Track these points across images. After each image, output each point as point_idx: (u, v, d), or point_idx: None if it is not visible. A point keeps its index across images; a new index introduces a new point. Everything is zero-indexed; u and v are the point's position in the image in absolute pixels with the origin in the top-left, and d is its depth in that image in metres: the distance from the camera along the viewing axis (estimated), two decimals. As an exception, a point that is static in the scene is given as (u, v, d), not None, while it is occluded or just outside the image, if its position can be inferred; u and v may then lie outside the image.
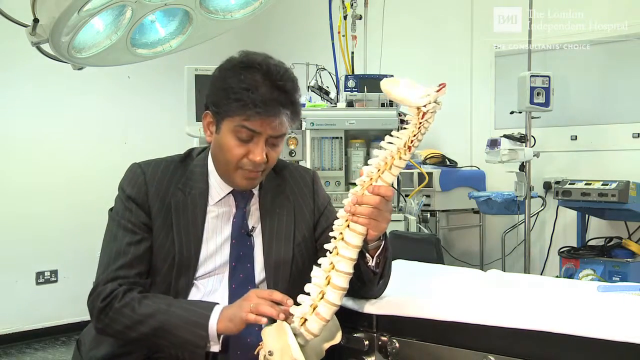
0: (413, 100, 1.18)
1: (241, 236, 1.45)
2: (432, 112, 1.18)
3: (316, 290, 1.27)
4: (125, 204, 1.41)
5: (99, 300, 1.34)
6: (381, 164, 1.26)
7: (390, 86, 1.22)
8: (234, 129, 1.36)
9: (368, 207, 1.26)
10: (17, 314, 4.24)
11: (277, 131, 1.37)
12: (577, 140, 3.95)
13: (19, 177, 4.24)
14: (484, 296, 1.49)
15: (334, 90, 3.51)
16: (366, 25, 3.63)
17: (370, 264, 1.38)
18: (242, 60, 1.39)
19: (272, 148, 1.40)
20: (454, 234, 4.55)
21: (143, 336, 1.32)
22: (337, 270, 1.26)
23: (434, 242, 2.52)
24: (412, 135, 1.21)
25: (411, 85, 1.21)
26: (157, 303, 1.33)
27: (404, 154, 1.23)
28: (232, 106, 1.34)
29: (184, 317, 1.30)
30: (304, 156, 3.11)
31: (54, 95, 4.37)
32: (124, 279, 1.36)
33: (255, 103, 1.32)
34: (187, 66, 2.96)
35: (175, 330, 1.30)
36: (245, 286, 1.42)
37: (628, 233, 3.69)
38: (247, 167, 1.39)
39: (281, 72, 1.37)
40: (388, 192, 1.26)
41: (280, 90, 1.35)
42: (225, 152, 1.39)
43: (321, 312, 1.26)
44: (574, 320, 1.21)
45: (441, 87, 1.17)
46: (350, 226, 1.28)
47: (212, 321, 1.29)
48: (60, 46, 1.61)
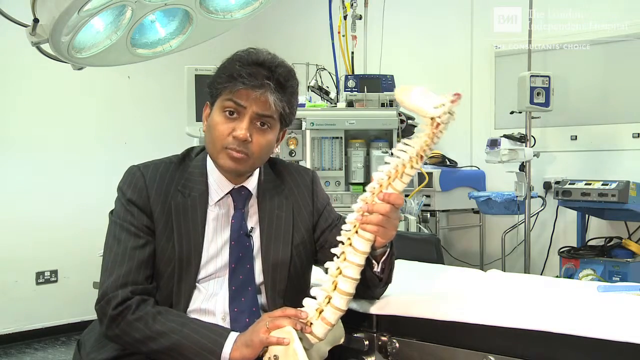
0: (428, 111, 1.17)
1: (240, 237, 1.44)
2: (445, 123, 1.18)
3: (323, 294, 1.28)
4: (127, 207, 1.41)
5: (110, 307, 1.32)
6: (392, 171, 1.25)
7: (404, 95, 1.21)
8: (221, 104, 1.39)
9: (378, 215, 1.26)
10: (17, 314, 4.23)
11: (262, 109, 1.37)
12: (577, 140, 3.95)
13: (19, 177, 4.24)
14: (484, 296, 1.49)
15: (334, 90, 3.51)
16: (366, 25, 3.63)
17: (375, 269, 1.38)
18: (243, 51, 1.42)
19: (258, 132, 1.39)
20: (454, 234, 4.55)
21: (153, 352, 1.32)
22: (344, 275, 1.27)
23: (434, 242, 2.52)
24: (424, 145, 1.21)
25: (425, 93, 1.20)
26: (170, 321, 1.32)
27: (416, 162, 1.23)
28: (222, 79, 1.38)
29: (197, 341, 1.29)
30: (304, 156, 3.11)
31: (54, 95, 4.36)
32: (134, 285, 1.34)
33: (240, 74, 1.35)
34: (187, 66, 2.96)
35: (187, 353, 1.29)
36: (245, 288, 1.42)
37: (628, 233, 3.69)
38: (231, 145, 1.38)
39: (277, 61, 1.40)
40: (398, 200, 1.27)
41: (269, 70, 1.37)
42: (213, 129, 1.40)
43: (327, 316, 1.26)
44: (574, 320, 1.21)
45: (456, 97, 1.16)
46: (359, 232, 1.28)
47: (225, 349, 1.28)
48: (60, 46, 1.61)
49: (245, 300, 1.42)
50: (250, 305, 1.42)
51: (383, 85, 3.33)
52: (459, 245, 4.52)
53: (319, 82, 3.48)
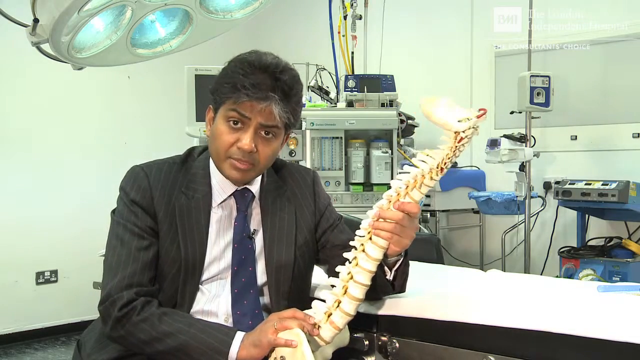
0: (453, 125, 1.17)
1: (243, 240, 1.44)
2: (469, 137, 1.18)
3: (332, 298, 1.28)
4: (130, 207, 1.39)
5: (115, 308, 1.31)
6: (410, 181, 1.25)
7: (429, 107, 1.20)
8: (225, 114, 1.37)
9: (391, 223, 1.26)
10: (17, 314, 4.23)
11: (266, 119, 1.36)
12: (577, 140, 3.95)
13: (19, 177, 4.24)
14: (484, 296, 1.49)
15: (334, 90, 3.52)
16: (366, 25, 3.64)
17: (388, 277, 1.38)
18: (247, 54, 1.40)
19: (263, 142, 1.38)
20: (454, 234, 4.55)
21: (158, 353, 1.31)
22: (355, 281, 1.27)
23: (434, 242, 2.51)
24: (446, 158, 1.20)
25: (450, 106, 1.19)
26: (177, 322, 1.31)
27: (435, 174, 1.22)
28: (225, 89, 1.36)
29: (204, 341, 1.28)
30: (304, 156, 3.12)
31: (54, 96, 4.36)
32: (139, 287, 1.34)
33: (244, 85, 1.33)
34: (187, 66, 2.96)
35: (194, 353, 1.28)
36: (247, 290, 1.42)
37: (628, 233, 3.69)
38: (235, 156, 1.37)
39: (281, 66, 1.37)
40: (414, 209, 1.27)
41: (273, 79, 1.35)
42: (217, 138, 1.39)
43: (335, 320, 1.26)
44: (574, 320, 1.21)
45: (482, 112, 1.17)
46: (372, 239, 1.28)
47: (233, 349, 1.27)
48: (60, 46, 1.61)
49: (248, 302, 1.42)
50: (252, 308, 1.42)
51: (383, 85, 3.34)
52: (459, 245, 4.52)
53: (319, 82, 3.48)
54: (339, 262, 1.32)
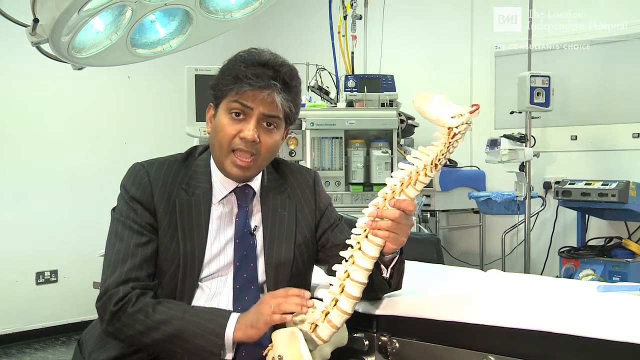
0: (446, 121, 1.17)
1: (244, 236, 1.45)
2: (462, 133, 1.18)
3: (329, 297, 1.28)
4: (130, 204, 1.40)
5: (111, 303, 1.32)
6: (405, 178, 1.25)
7: (424, 104, 1.21)
8: (227, 106, 1.39)
9: (388, 221, 1.26)
10: (17, 314, 4.23)
11: (269, 109, 1.38)
12: (577, 140, 3.95)
13: (19, 177, 4.24)
14: (484, 296, 1.48)
15: (334, 90, 3.52)
16: (366, 25, 3.64)
17: (384, 275, 1.39)
18: (245, 51, 1.42)
19: (265, 132, 1.40)
20: (454, 234, 4.55)
21: (156, 342, 1.31)
22: (351, 279, 1.27)
23: (434, 242, 2.52)
24: (440, 154, 1.20)
25: (444, 102, 1.19)
26: (171, 309, 1.32)
27: (430, 171, 1.23)
28: (227, 81, 1.38)
29: (200, 325, 1.29)
30: (304, 156, 3.12)
31: (54, 95, 4.36)
32: (136, 282, 1.34)
33: (246, 75, 1.35)
34: (187, 66, 2.96)
35: (191, 338, 1.29)
36: (248, 286, 1.43)
37: (628, 233, 3.69)
38: (238, 147, 1.38)
39: (280, 61, 1.40)
40: (410, 206, 1.27)
41: (274, 70, 1.38)
42: (219, 131, 1.40)
43: (333, 319, 1.27)
44: (574, 320, 1.21)
45: (475, 108, 1.16)
46: (368, 237, 1.28)
47: (228, 329, 1.29)
48: (60, 46, 1.61)
49: (249, 298, 1.42)
50: (253, 303, 1.41)
51: (383, 85, 3.34)
52: (459, 245, 4.52)
53: (319, 82, 3.48)
54: (339, 262, 1.32)
